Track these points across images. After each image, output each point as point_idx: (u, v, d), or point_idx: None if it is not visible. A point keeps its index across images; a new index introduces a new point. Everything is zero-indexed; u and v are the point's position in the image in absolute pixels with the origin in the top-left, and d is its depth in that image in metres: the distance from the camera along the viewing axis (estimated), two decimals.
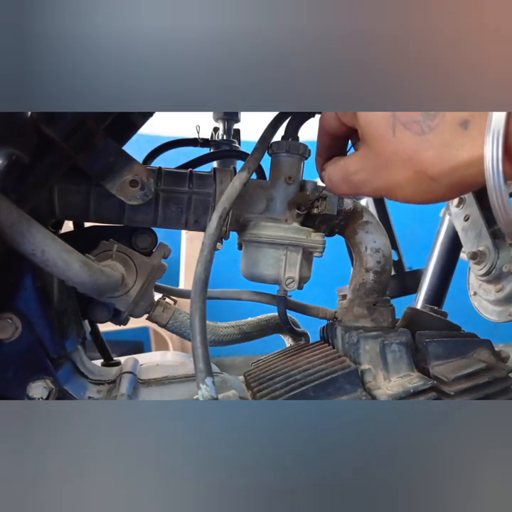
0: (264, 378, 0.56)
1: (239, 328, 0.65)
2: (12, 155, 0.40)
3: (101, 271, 0.49)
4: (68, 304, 0.58)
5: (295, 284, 0.56)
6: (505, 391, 0.51)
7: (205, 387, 0.40)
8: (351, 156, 0.48)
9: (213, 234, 0.48)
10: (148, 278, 0.58)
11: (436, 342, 0.52)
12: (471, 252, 0.73)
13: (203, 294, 0.44)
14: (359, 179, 0.45)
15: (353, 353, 0.53)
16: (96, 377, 0.61)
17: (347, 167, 0.47)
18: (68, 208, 0.56)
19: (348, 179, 0.47)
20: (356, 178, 0.46)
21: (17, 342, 0.49)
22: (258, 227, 0.56)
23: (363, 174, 0.45)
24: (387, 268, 0.59)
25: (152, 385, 0.61)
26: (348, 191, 0.49)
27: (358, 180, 0.46)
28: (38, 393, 0.50)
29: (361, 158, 0.45)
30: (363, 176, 0.45)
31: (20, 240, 0.42)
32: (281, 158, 0.58)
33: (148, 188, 0.54)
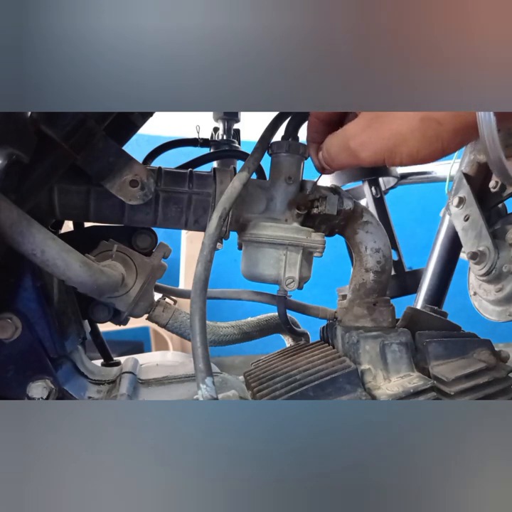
0: (264, 378, 0.56)
1: (239, 328, 0.65)
2: (12, 155, 0.40)
3: (101, 271, 0.49)
4: (68, 304, 0.58)
5: (295, 284, 0.56)
6: (505, 391, 0.51)
7: (205, 387, 0.40)
8: (351, 122, 0.46)
9: (213, 234, 0.48)
10: (148, 278, 0.58)
11: (436, 342, 0.52)
12: (471, 252, 0.73)
13: (202, 294, 0.44)
14: (358, 142, 0.44)
15: (353, 353, 0.53)
16: (96, 377, 0.61)
17: (345, 132, 0.45)
18: (68, 207, 0.56)
19: (347, 145, 0.45)
20: (355, 142, 0.44)
21: (17, 342, 0.49)
22: (258, 227, 0.56)
23: (362, 136, 0.43)
24: (387, 268, 0.59)
25: (152, 385, 0.61)
26: (346, 160, 0.47)
27: (357, 144, 0.44)
28: (38, 393, 0.50)
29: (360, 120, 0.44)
30: (363, 139, 0.43)
31: (20, 240, 0.42)
32: (281, 158, 0.58)
33: (148, 188, 0.54)
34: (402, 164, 0.43)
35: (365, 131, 0.43)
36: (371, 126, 0.42)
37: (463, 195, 0.77)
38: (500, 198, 0.76)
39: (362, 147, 0.44)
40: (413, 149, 0.41)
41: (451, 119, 0.39)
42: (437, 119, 0.39)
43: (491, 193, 0.77)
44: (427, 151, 0.40)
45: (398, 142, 0.41)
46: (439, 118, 0.39)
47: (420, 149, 0.40)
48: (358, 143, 0.44)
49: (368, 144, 0.43)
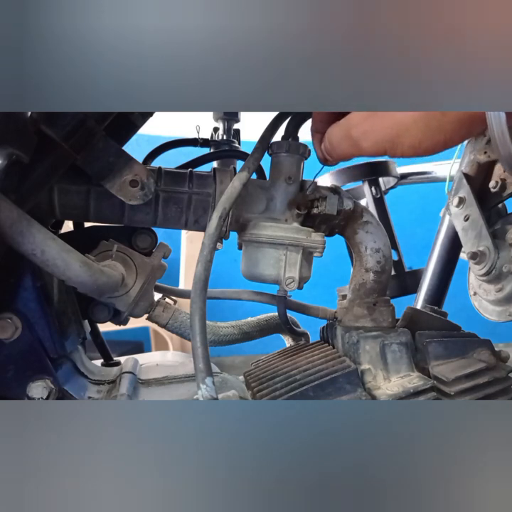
0: (264, 378, 0.56)
1: (239, 328, 0.65)
2: (12, 155, 0.40)
3: (101, 271, 0.49)
4: (68, 304, 0.58)
5: (295, 284, 0.56)
6: (505, 391, 0.51)
7: (205, 387, 0.40)
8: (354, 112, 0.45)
9: (213, 234, 0.48)
10: (148, 278, 0.58)
11: (436, 342, 0.52)
12: (471, 252, 0.73)
13: (202, 294, 0.44)
14: (360, 131, 0.43)
15: (353, 353, 0.53)
16: (96, 377, 0.61)
17: (348, 121, 0.45)
18: (68, 207, 0.56)
19: (349, 134, 0.44)
20: (357, 130, 0.43)
21: (17, 342, 0.49)
22: (258, 227, 0.56)
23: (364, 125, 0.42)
24: (387, 268, 0.59)
25: (152, 385, 0.61)
26: (347, 149, 0.46)
27: (358, 133, 0.43)
28: (38, 393, 0.50)
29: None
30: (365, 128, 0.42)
31: (20, 240, 0.42)
32: (281, 158, 0.58)
33: (148, 188, 0.54)
34: (403, 155, 0.42)
35: (368, 121, 0.42)
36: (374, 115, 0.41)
37: (463, 195, 0.77)
38: (500, 198, 0.76)
39: (364, 136, 0.43)
40: (415, 140, 0.40)
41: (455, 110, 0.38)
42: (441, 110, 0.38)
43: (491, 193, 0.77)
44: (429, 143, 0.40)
45: (401, 132, 0.40)
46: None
47: (422, 140, 0.39)
48: (360, 132, 0.43)
49: (369, 133, 0.42)
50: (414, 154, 0.41)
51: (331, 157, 0.51)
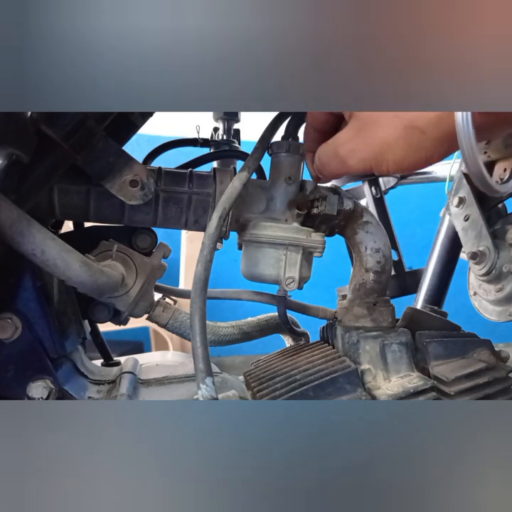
0: (264, 378, 0.56)
1: (239, 328, 0.65)
2: (12, 155, 0.40)
3: (101, 271, 0.49)
4: (68, 304, 0.58)
5: (295, 284, 0.56)
6: (505, 391, 0.51)
7: (205, 387, 0.40)
8: (341, 131, 0.47)
9: (213, 234, 0.48)
10: (148, 278, 0.58)
11: (436, 342, 0.52)
12: (471, 252, 0.73)
13: (202, 294, 0.44)
14: (346, 150, 0.45)
15: (353, 353, 0.53)
16: (96, 377, 0.61)
17: (335, 140, 0.47)
18: (68, 207, 0.56)
19: (336, 153, 0.46)
20: (344, 149, 0.45)
21: (17, 342, 0.49)
22: (258, 227, 0.56)
23: (351, 144, 0.44)
24: (387, 268, 0.59)
25: (152, 385, 0.61)
26: (335, 168, 0.48)
27: (345, 151, 0.45)
28: (38, 393, 0.50)
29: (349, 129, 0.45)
30: (351, 146, 0.44)
31: (20, 240, 0.42)
32: (281, 158, 0.58)
33: (148, 188, 0.54)
34: (389, 172, 0.43)
35: (354, 139, 0.44)
36: (359, 134, 0.43)
37: (463, 195, 0.77)
38: (500, 198, 0.76)
39: (350, 154, 0.45)
40: (398, 158, 0.41)
41: (434, 128, 0.39)
42: (421, 128, 0.39)
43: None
44: (411, 160, 0.41)
45: (384, 150, 0.41)
46: (422, 127, 0.39)
47: (405, 158, 0.41)
48: (347, 150, 0.45)
49: (355, 152, 0.44)
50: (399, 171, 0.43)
51: (322, 175, 0.53)
